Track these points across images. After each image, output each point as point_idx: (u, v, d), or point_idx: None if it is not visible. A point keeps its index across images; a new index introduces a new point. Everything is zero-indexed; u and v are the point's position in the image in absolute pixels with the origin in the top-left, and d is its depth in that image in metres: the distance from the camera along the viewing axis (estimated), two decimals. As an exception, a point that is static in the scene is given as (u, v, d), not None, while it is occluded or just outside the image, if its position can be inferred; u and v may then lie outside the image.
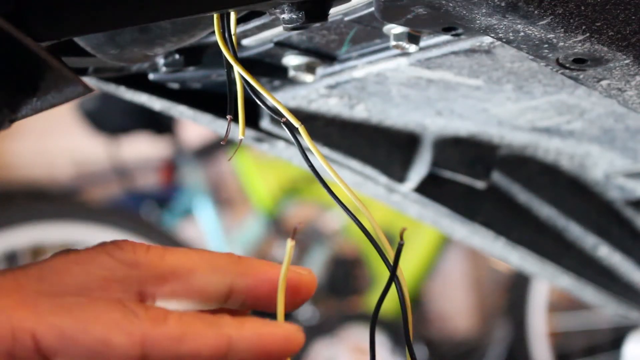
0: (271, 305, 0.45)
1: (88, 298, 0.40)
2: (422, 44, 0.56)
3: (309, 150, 0.48)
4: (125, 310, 0.39)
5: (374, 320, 0.49)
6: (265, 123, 0.72)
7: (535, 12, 0.42)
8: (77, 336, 0.38)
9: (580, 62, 0.47)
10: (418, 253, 2.66)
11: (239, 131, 0.49)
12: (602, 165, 0.83)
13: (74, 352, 0.38)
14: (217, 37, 0.48)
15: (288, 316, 0.45)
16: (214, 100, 0.71)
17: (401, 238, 0.45)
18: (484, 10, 0.43)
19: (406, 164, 0.79)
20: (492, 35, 0.46)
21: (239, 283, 0.44)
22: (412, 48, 0.53)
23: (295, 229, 0.44)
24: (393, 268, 0.46)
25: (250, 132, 0.74)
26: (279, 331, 0.43)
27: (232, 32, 0.48)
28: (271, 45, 0.60)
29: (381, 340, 2.46)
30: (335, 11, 0.52)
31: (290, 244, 0.45)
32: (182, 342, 0.40)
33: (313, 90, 0.68)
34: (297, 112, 0.62)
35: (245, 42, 0.60)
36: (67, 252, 0.43)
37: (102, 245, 0.44)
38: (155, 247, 0.45)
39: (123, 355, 0.38)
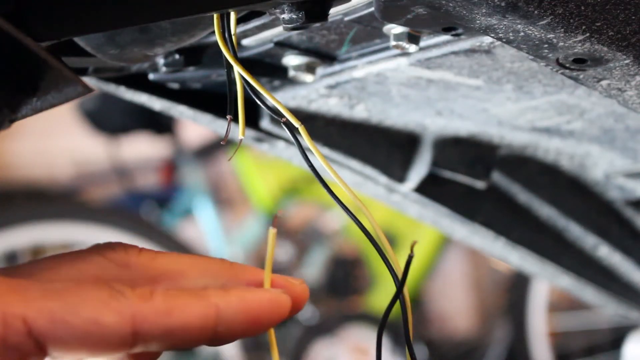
0: None
1: (75, 282, 0.40)
2: (422, 44, 0.56)
3: (309, 150, 0.48)
4: (112, 290, 0.40)
5: (380, 334, 0.49)
6: (265, 123, 0.72)
7: (535, 12, 0.42)
8: (67, 318, 0.38)
9: (580, 62, 0.47)
10: (418, 253, 2.66)
11: (239, 131, 0.49)
12: (602, 165, 0.83)
13: (66, 334, 0.38)
14: (217, 37, 0.48)
15: (282, 322, 0.45)
16: (214, 100, 0.71)
17: (411, 250, 0.45)
18: (484, 10, 0.43)
19: (406, 164, 0.79)
20: (492, 35, 0.46)
21: (229, 286, 0.45)
22: (412, 48, 0.53)
23: (276, 217, 0.45)
24: (401, 284, 0.46)
25: (250, 132, 0.74)
26: (265, 295, 0.43)
27: (232, 32, 0.48)
28: (271, 45, 0.60)
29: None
30: (335, 11, 0.52)
31: (271, 231, 0.46)
32: (171, 315, 0.40)
33: (313, 90, 0.68)
34: (297, 112, 0.62)
35: (245, 42, 0.60)
36: (60, 253, 0.44)
37: (95, 246, 0.45)
38: (147, 249, 0.45)
39: (114, 333, 0.39)
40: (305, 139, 0.48)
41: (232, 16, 0.48)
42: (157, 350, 0.42)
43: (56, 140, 3.11)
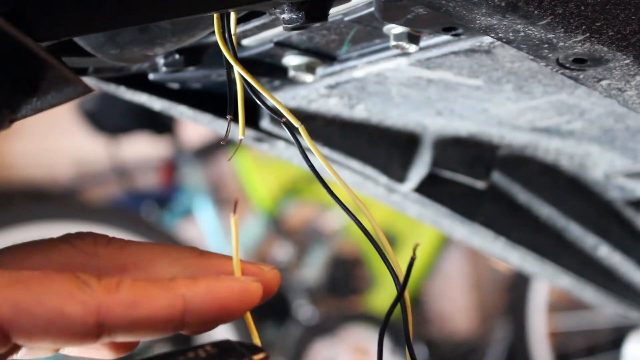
0: None
1: (42, 272, 0.40)
2: (422, 44, 0.56)
3: (309, 150, 0.48)
4: (78, 281, 0.39)
5: (381, 336, 0.49)
6: (265, 123, 0.72)
7: (535, 12, 0.42)
8: (32, 308, 0.38)
9: (580, 62, 0.47)
10: (418, 253, 2.66)
11: (239, 131, 0.49)
12: (602, 165, 0.83)
13: (30, 323, 0.38)
14: (217, 37, 0.48)
15: (282, 317, 0.45)
16: (214, 100, 0.71)
17: (414, 253, 0.45)
18: (484, 10, 0.43)
19: (406, 164, 0.79)
20: (492, 35, 0.46)
21: (199, 275, 0.45)
22: (412, 48, 0.53)
23: (236, 202, 0.45)
24: (402, 287, 0.46)
25: (250, 132, 0.74)
26: (234, 284, 0.43)
27: (232, 32, 0.48)
28: (271, 45, 0.60)
29: (381, 340, 2.45)
30: (335, 11, 0.52)
31: (234, 218, 0.46)
32: (136, 307, 0.40)
33: (313, 90, 0.68)
34: (297, 112, 0.62)
35: (245, 42, 0.60)
36: (29, 242, 0.44)
37: (65, 235, 0.45)
38: (117, 238, 0.45)
39: (78, 324, 0.39)
40: (305, 139, 0.48)
41: (232, 16, 0.48)
42: (124, 341, 0.41)
43: (56, 140, 3.11)
